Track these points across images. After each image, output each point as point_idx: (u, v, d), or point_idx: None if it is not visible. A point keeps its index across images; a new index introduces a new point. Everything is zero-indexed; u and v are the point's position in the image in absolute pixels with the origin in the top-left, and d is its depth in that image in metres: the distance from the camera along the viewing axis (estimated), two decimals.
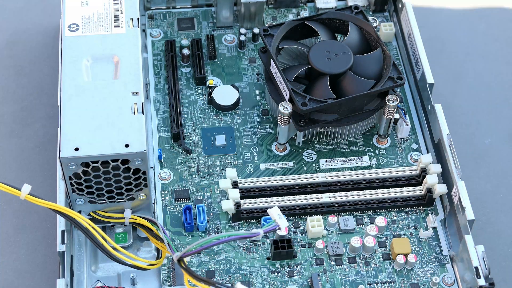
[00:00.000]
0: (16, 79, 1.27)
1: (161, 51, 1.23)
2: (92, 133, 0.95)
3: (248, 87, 1.20)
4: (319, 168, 1.12)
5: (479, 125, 1.24)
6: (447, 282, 1.03)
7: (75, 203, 1.00)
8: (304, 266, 1.04)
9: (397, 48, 1.25)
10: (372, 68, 1.10)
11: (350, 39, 1.13)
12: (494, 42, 1.34)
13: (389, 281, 1.03)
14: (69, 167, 0.95)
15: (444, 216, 1.09)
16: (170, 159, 1.12)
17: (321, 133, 1.13)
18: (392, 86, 1.09)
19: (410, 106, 1.19)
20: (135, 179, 0.98)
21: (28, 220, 1.13)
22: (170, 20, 1.27)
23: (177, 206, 1.09)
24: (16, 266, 1.09)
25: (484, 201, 1.16)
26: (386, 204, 1.08)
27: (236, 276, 1.03)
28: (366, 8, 1.29)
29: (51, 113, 1.23)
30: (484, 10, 1.39)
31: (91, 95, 0.98)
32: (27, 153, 1.19)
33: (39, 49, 1.30)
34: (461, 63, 1.31)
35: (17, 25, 1.33)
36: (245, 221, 1.08)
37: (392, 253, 1.05)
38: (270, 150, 1.14)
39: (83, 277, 1.02)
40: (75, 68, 1.01)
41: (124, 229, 1.04)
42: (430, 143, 1.14)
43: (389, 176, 1.10)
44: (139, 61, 1.02)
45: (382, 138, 1.14)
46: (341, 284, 1.03)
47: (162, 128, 1.15)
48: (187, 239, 1.06)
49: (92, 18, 1.06)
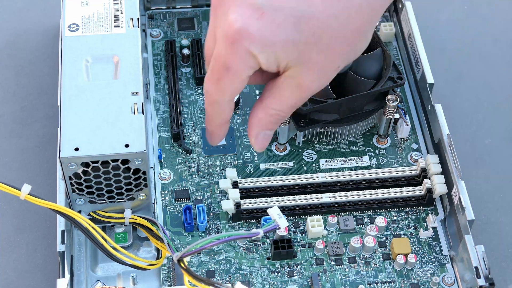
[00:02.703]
0: (16, 79, 1.27)
1: (161, 51, 1.23)
2: (92, 133, 0.95)
3: (248, 87, 1.20)
4: (319, 168, 1.12)
5: (479, 125, 1.24)
6: (447, 282, 1.03)
7: (75, 203, 1.00)
8: (304, 266, 1.04)
9: (397, 48, 1.25)
10: (372, 68, 1.10)
11: None
12: (494, 42, 1.34)
13: (389, 281, 1.03)
14: (69, 167, 0.95)
15: (444, 216, 1.09)
16: (170, 159, 1.12)
17: (321, 133, 1.13)
18: (392, 86, 1.09)
19: (410, 106, 1.19)
20: (135, 179, 0.98)
21: (28, 220, 1.13)
22: (170, 20, 1.27)
23: (177, 206, 1.09)
24: (16, 266, 1.09)
25: (484, 201, 1.16)
26: (386, 204, 1.08)
27: (236, 276, 1.03)
28: None
29: (51, 113, 1.22)
30: (484, 10, 1.39)
31: (91, 95, 0.98)
32: (27, 153, 1.19)
33: (39, 49, 1.30)
34: (461, 63, 1.31)
35: (17, 25, 1.33)
36: (245, 221, 1.08)
37: (392, 253, 1.05)
38: (270, 150, 1.14)
39: (83, 277, 1.02)
40: (75, 68, 1.01)
41: (124, 229, 1.04)
42: (430, 143, 1.14)
43: (389, 176, 1.10)
44: (139, 61, 1.02)
45: (382, 138, 1.14)
46: (341, 284, 1.03)
47: (162, 128, 1.15)
48: (187, 239, 1.06)
49: (92, 18, 1.06)
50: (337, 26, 0.90)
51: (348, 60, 0.96)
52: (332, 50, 0.91)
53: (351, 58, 0.96)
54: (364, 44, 0.95)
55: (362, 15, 0.91)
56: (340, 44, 0.91)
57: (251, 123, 0.98)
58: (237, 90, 0.94)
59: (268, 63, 0.91)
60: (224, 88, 0.93)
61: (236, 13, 0.89)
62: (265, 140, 0.99)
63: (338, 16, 0.89)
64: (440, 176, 1.08)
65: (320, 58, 0.91)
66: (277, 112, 0.96)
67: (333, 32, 0.90)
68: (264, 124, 0.97)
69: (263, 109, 0.96)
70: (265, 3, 0.88)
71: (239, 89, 0.94)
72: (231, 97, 0.95)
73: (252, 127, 0.98)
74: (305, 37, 0.89)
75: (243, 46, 0.89)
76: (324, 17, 0.89)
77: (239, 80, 0.92)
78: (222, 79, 0.92)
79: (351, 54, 0.95)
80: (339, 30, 0.90)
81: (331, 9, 0.89)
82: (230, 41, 0.89)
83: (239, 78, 0.92)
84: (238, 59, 0.90)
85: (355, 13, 0.90)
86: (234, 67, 0.91)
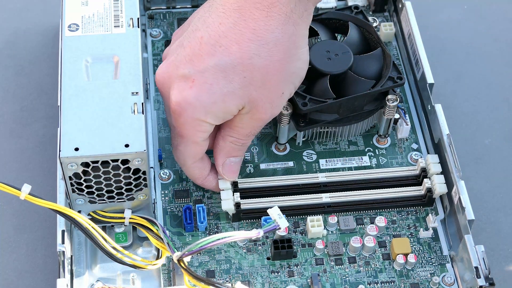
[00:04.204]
0: (16, 79, 1.27)
1: (161, 51, 1.23)
2: (92, 133, 0.95)
3: None
4: (319, 168, 1.12)
5: (479, 125, 1.24)
6: (447, 282, 1.03)
7: (75, 203, 1.00)
8: (304, 266, 1.04)
9: (397, 48, 1.25)
10: (372, 68, 1.10)
11: (350, 39, 1.13)
12: (494, 42, 1.34)
13: (389, 281, 1.03)
14: (69, 167, 0.95)
15: (444, 216, 1.09)
16: (170, 159, 1.12)
17: (321, 133, 1.13)
18: (392, 86, 1.09)
19: (410, 106, 1.19)
20: (135, 179, 0.98)
21: (28, 220, 1.13)
22: (170, 20, 1.27)
23: (177, 206, 1.09)
24: (16, 266, 1.09)
25: (484, 201, 1.16)
26: (386, 204, 1.08)
27: (236, 276, 1.03)
28: (366, 8, 1.29)
29: (51, 113, 1.22)
30: (484, 10, 1.39)
31: (91, 95, 0.98)
32: (27, 153, 1.19)
33: (39, 49, 1.30)
34: (461, 63, 1.31)
35: (17, 25, 1.33)
36: (245, 221, 1.08)
37: (392, 253, 1.05)
38: (270, 150, 1.14)
39: (83, 277, 1.02)
40: (75, 68, 1.01)
41: (124, 229, 1.04)
42: (430, 143, 1.14)
43: (389, 176, 1.09)
44: (139, 61, 1.02)
45: (382, 138, 1.14)
46: (341, 284, 1.03)
47: (162, 128, 1.15)
48: (187, 239, 1.06)
49: (92, 18, 1.06)
50: (262, 62, 0.96)
51: (293, 84, 1.01)
52: (268, 83, 0.97)
53: (295, 81, 1.01)
54: (300, 65, 1.00)
55: (281, 46, 0.96)
56: (273, 76, 0.97)
57: (215, 153, 1.05)
58: (197, 153, 1.03)
59: (219, 119, 0.99)
60: (184, 153, 1.03)
61: (174, 89, 0.97)
62: (232, 167, 1.05)
63: (259, 54, 0.95)
64: (440, 176, 1.08)
65: (260, 93, 0.97)
66: (235, 139, 1.03)
67: (261, 68, 0.96)
68: (226, 152, 1.04)
69: (221, 138, 1.04)
70: (191, 70, 0.96)
71: (199, 152, 1.03)
72: (194, 159, 1.03)
73: (217, 156, 1.05)
74: (238, 84, 0.96)
75: (188, 116, 0.97)
76: (246, 60, 0.95)
77: (195, 144, 1.01)
78: (180, 145, 1.03)
79: (291, 78, 1.00)
80: (265, 65, 0.96)
81: (249, 51, 0.95)
82: (177, 114, 0.97)
83: (194, 143, 1.01)
84: (188, 127, 0.99)
85: (274, 47, 0.96)
86: (186, 135, 1.00)
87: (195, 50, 0.96)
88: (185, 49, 0.98)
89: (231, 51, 0.95)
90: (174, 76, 0.98)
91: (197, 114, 0.97)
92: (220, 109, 0.97)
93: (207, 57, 0.96)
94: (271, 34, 0.95)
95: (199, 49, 0.96)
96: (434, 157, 1.09)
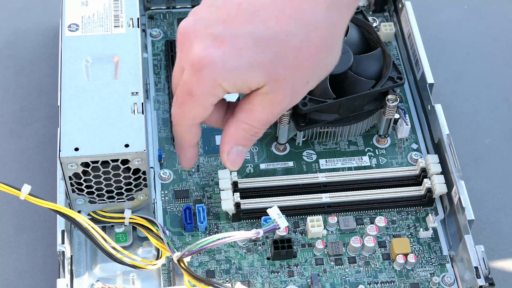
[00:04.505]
0: (16, 79, 1.27)
1: (161, 51, 1.23)
2: (92, 133, 0.95)
3: None
4: (319, 168, 1.12)
5: (479, 125, 1.24)
6: (447, 282, 1.03)
7: (75, 203, 1.00)
8: (304, 266, 1.04)
9: (397, 48, 1.25)
10: (372, 68, 1.10)
11: (350, 39, 1.13)
12: (494, 42, 1.34)
13: (389, 281, 1.03)
14: (69, 167, 0.95)
15: (444, 216, 1.09)
16: (170, 159, 1.12)
17: (321, 133, 1.13)
18: (392, 86, 1.09)
19: (410, 106, 1.19)
20: (135, 179, 0.98)
21: (28, 220, 1.13)
22: (170, 20, 1.27)
23: (177, 206, 1.09)
24: (16, 266, 1.09)
25: (484, 201, 1.16)
26: (386, 204, 1.08)
27: (236, 276, 1.03)
28: (366, 8, 1.29)
29: (51, 113, 1.23)
30: (484, 10, 1.39)
31: (91, 95, 0.98)
32: (27, 153, 1.19)
33: (39, 49, 1.30)
34: (461, 63, 1.31)
35: (17, 25, 1.33)
36: (245, 221, 1.08)
37: (392, 253, 1.05)
38: (270, 150, 1.14)
39: (83, 277, 1.02)
40: (75, 68, 1.01)
41: (124, 229, 1.04)
42: (430, 143, 1.14)
43: (389, 176, 1.09)
44: (139, 61, 1.02)
45: (382, 138, 1.14)
46: (341, 284, 1.03)
47: (162, 128, 1.15)
48: (187, 239, 1.06)
49: (92, 18, 1.06)
50: (297, 43, 0.91)
51: (318, 77, 0.97)
52: (298, 66, 0.93)
53: (321, 74, 0.97)
54: (332, 59, 0.96)
55: (321, 31, 0.92)
56: (305, 60, 0.93)
57: (223, 138, 0.99)
58: (199, 116, 0.96)
59: (236, 87, 0.93)
60: (186, 112, 0.96)
61: (199, 43, 0.91)
62: (238, 156, 0.99)
63: (296, 34, 0.91)
64: (440, 176, 1.08)
65: (288, 74, 0.93)
66: (249, 127, 0.97)
67: (295, 49, 0.91)
68: (236, 139, 0.98)
69: (234, 123, 0.97)
70: (224, 31, 0.91)
71: (201, 115, 0.96)
72: (193, 121, 0.97)
73: (224, 142, 0.98)
74: (268, 57, 0.91)
75: (207, 74, 0.91)
76: (282, 36, 0.91)
77: (202, 106, 0.95)
78: (185, 103, 0.95)
79: (320, 69, 0.96)
80: (300, 47, 0.91)
81: (288, 28, 0.91)
82: (195, 69, 0.92)
83: (201, 104, 0.94)
84: (202, 86, 0.92)
85: (313, 30, 0.91)
86: (197, 93, 0.93)
87: (231, 13, 0.92)
88: (220, 10, 0.92)
89: (268, 25, 0.91)
90: (201, 32, 0.92)
91: (217, 75, 0.92)
92: (241, 77, 0.92)
93: (243, 22, 0.91)
94: (314, 17, 0.91)
95: (236, 14, 0.91)
96: (434, 157, 1.09)
